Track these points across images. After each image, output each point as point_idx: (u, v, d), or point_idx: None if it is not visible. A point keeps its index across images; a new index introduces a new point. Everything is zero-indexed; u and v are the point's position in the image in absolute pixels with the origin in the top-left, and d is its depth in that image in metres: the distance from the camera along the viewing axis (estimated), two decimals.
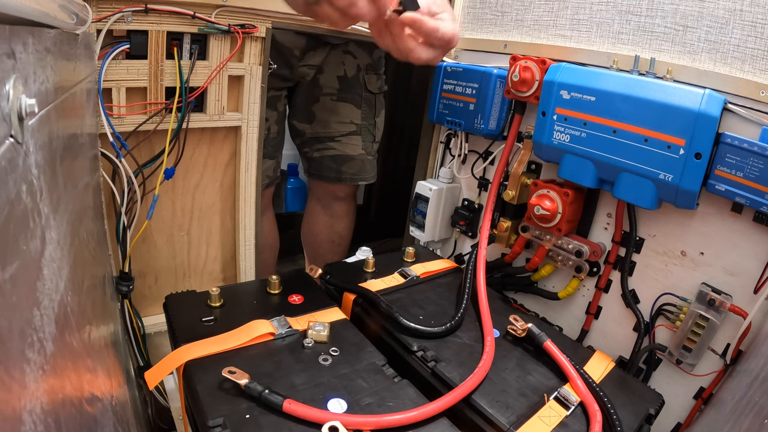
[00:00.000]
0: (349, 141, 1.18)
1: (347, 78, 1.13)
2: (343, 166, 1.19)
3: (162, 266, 0.93)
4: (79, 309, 0.38)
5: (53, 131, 0.35)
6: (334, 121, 1.16)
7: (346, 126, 1.17)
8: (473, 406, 0.58)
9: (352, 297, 0.76)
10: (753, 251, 0.67)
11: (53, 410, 0.25)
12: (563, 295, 0.87)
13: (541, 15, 0.90)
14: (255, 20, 0.82)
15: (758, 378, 0.52)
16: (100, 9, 0.69)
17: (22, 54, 0.27)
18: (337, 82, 1.13)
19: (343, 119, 1.16)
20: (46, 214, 0.30)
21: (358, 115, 1.17)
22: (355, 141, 1.18)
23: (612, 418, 0.56)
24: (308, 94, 1.15)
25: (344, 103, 1.15)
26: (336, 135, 1.17)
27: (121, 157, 0.76)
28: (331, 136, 1.17)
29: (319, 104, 1.15)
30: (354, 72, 1.13)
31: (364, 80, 1.15)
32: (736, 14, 0.67)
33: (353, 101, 1.15)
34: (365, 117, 1.18)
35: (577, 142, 0.76)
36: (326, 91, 1.14)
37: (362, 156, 1.20)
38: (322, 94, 1.14)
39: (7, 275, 0.20)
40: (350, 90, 1.15)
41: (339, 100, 1.15)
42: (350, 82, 1.14)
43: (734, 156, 0.64)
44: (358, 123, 1.17)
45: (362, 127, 1.18)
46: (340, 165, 1.19)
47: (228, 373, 0.54)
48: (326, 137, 1.18)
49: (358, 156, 1.19)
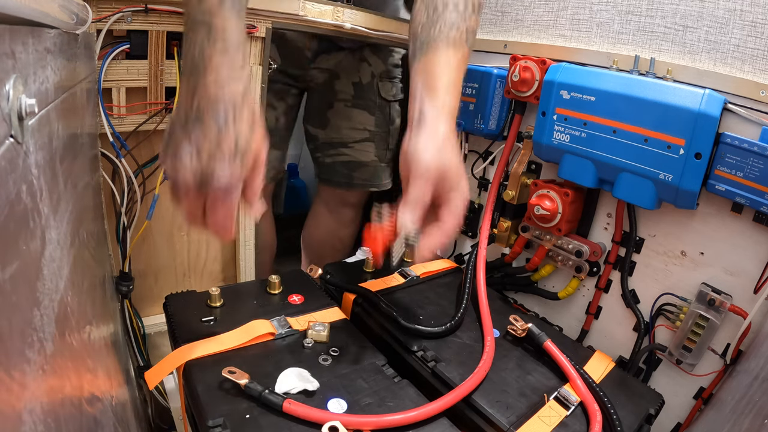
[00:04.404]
0: (362, 147, 1.17)
1: (362, 84, 1.12)
2: (355, 172, 1.18)
3: (162, 266, 0.93)
4: (79, 309, 0.38)
5: (53, 131, 0.35)
6: (347, 127, 1.15)
7: (359, 132, 1.16)
8: (473, 406, 0.58)
9: (352, 297, 0.76)
10: (753, 251, 0.67)
11: (53, 410, 0.25)
12: (563, 295, 0.87)
13: (541, 15, 0.90)
14: (255, 20, 0.81)
15: (758, 378, 0.52)
16: (100, 9, 0.69)
17: (22, 54, 0.27)
18: (352, 88, 1.13)
19: (356, 126, 1.15)
20: (46, 214, 0.30)
21: (371, 122, 1.16)
22: (368, 148, 1.17)
23: (612, 418, 0.56)
24: (323, 99, 1.14)
25: (358, 110, 1.15)
26: (349, 141, 1.16)
27: (121, 157, 0.76)
28: (344, 142, 1.17)
29: (333, 110, 1.15)
30: (369, 79, 1.13)
31: (378, 87, 1.14)
32: (736, 14, 0.67)
33: (367, 108, 1.15)
34: (379, 124, 1.17)
35: (577, 142, 0.76)
36: (341, 96, 1.13)
37: (375, 163, 1.19)
38: (336, 100, 1.14)
39: (7, 275, 0.20)
40: (364, 97, 1.14)
41: (353, 106, 1.14)
42: (365, 89, 1.13)
43: (734, 156, 0.64)
44: (372, 130, 1.17)
45: (375, 134, 1.17)
46: (352, 171, 1.18)
47: (228, 373, 0.54)
48: (339, 143, 1.17)
49: (370, 162, 1.18)
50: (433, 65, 0.64)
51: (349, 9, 0.89)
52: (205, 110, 0.48)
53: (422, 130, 0.60)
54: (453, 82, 0.64)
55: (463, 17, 0.68)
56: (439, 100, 0.61)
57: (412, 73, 0.67)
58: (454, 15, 0.68)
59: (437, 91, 0.62)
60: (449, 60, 0.65)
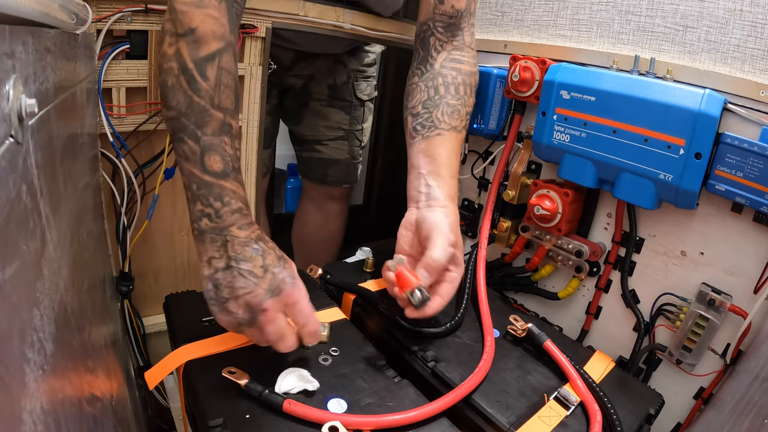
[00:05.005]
0: (335, 145, 1.21)
1: (336, 86, 1.16)
2: (329, 169, 1.22)
3: (162, 266, 0.93)
4: (79, 309, 0.38)
5: (53, 131, 0.35)
6: (322, 125, 1.19)
7: (333, 131, 1.20)
8: (473, 406, 0.58)
9: (352, 297, 0.76)
10: (753, 251, 0.67)
11: (53, 410, 0.25)
12: (563, 295, 0.87)
13: (541, 15, 0.90)
14: (255, 20, 0.81)
15: (758, 378, 0.52)
16: (100, 9, 0.69)
17: (22, 54, 0.27)
18: (327, 89, 1.16)
19: (331, 124, 1.19)
20: (46, 214, 0.30)
21: (346, 121, 1.19)
22: (342, 146, 1.21)
23: (612, 418, 0.56)
24: (298, 99, 1.18)
25: (333, 109, 1.18)
26: (324, 139, 1.20)
27: (121, 157, 0.76)
28: (318, 139, 1.20)
29: (308, 109, 1.18)
30: (344, 79, 1.16)
31: (353, 87, 1.17)
32: (736, 14, 0.67)
33: (342, 107, 1.18)
34: (353, 122, 1.21)
35: (577, 142, 0.76)
36: (316, 97, 1.17)
37: (347, 160, 1.23)
38: (312, 100, 1.17)
39: (7, 275, 0.20)
40: (340, 97, 1.17)
41: (328, 105, 1.18)
42: (340, 89, 1.16)
43: (734, 156, 0.64)
44: (346, 128, 1.20)
45: (349, 133, 1.21)
46: (326, 168, 1.22)
47: (228, 373, 0.54)
48: (313, 140, 1.21)
49: (343, 160, 1.22)
50: (438, 151, 0.72)
51: (349, 9, 0.89)
52: (238, 259, 0.53)
53: (434, 209, 0.67)
54: (455, 169, 0.73)
55: (463, 102, 0.76)
56: (445, 187, 0.69)
57: (414, 148, 0.73)
58: (455, 100, 0.75)
59: (443, 179, 0.70)
60: (454, 147, 0.73)
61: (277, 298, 0.53)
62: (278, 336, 0.54)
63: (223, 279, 0.53)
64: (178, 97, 0.55)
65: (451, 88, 0.75)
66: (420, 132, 0.73)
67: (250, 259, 0.54)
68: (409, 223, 0.69)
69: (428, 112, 0.74)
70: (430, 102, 0.75)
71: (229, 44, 0.58)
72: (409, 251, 0.69)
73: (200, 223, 0.54)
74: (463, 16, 0.77)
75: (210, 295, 0.54)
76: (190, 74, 0.54)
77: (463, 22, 0.78)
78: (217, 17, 0.56)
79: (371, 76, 1.21)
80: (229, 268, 0.53)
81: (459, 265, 0.66)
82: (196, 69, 0.55)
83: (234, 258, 0.53)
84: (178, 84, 0.54)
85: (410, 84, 0.79)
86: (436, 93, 0.75)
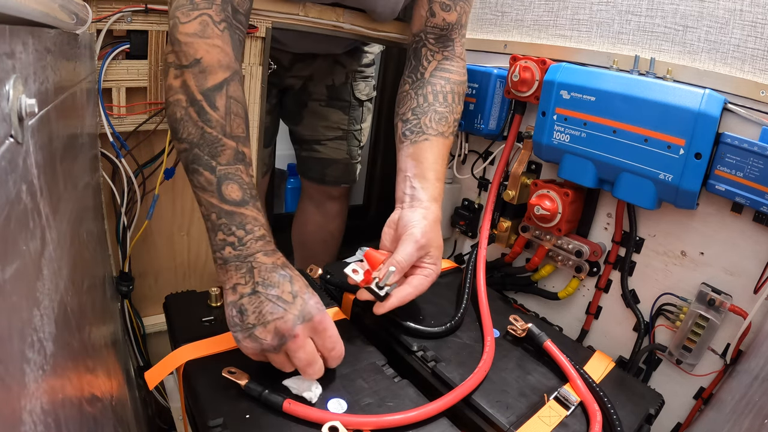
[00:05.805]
0: (334, 145, 1.21)
1: (335, 86, 1.16)
2: (327, 169, 1.23)
3: (162, 266, 0.93)
4: (79, 309, 0.38)
5: (53, 131, 0.35)
6: (321, 125, 1.19)
7: (332, 131, 1.20)
8: (473, 406, 0.58)
9: (352, 297, 0.76)
10: (753, 251, 0.67)
11: (53, 410, 0.25)
12: (563, 295, 0.87)
13: (541, 15, 0.90)
14: (255, 20, 0.81)
15: (758, 378, 0.52)
16: (100, 9, 0.69)
17: (22, 54, 0.27)
18: (325, 90, 1.16)
19: (330, 124, 1.19)
20: (46, 214, 0.30)
21: (345, 121, 1.20)
22: (341, 146, 1.22)
23: (612, 418, 0.56)
24: (297, 99, 1.18)
25: (333, 109, 1.18)
26: (322, 139, 1.21)
27: (121, 157, 0.76)
28: (317, 139, 1.21)
29: (307, 109, 1.19)
30: (343, 79, 1.16)
31: (352, 87, 1.18)
32: (736, 14, 0.67)
33: (341, 107, 1.19)
34: (352, 122, 1.21)
35: (577, 142, 0.76)
36: (315, 97, 1.17)
37: (346, 160, 1.23)
38: (310, 100, 1.17)
39: (7, 275, 0.20)
40: (338, 97, 1.18)
41: (327, 105, 1.18)
42: (338, 89, 1.17)
43: (734, 156, 0.64)
44: (345, 128, 1.21)
45: (348, 133, 1.22)
46: (324, 168, 1.23)
47: (228, 373, 0.54)
48: (312, 140, 1.21)
49: (342, 160, 1.22)
50: (425, 155, 0.74)
51: (349, 9, 0.89)
52: (266, 284, 0.53)
53: (416, 209, 0.70)
54: (442, 172, 0.75)
55: (451, 109, 0.78)
56: (429, 189, 0.72)
57: (403, 152, 0.76)
58: (444, 107, 0.78)
59: (428, 181, 0.72)
60: (441, 152, 0.75)
61: (307, 324, 0.53)
62: (308, 362, 0.53)
63: (249, 304, 0.52)
64: (189, 129, 0.55)
65: (440, 96, 0.78)
66: (408, 137, 0.76)
67: (278, 284, 0.53)
68: (392, 221, 0.72)
69: (417, 118, 0.76)
70: (419, 109, 0.77)
71: (235, 73, 0.58)
72: (390, 248, 0.71)
73: (223, 252, 0.54)
74: (453, 29, 0.79)
75: (234, 321, 0.53)
76: (199, 105, 0.54)
77: (454, 34, 0.80)
78: (221, 46, 0.56)
79: (370, 77, 1.21)
80: (256, 293, 0.52)
81: (434, 263, 0.68)
82: (205, 100, 0.55)
83: (261, 283, 0.53)
84: (188, 116, 0.54)
85: (401, 92, 0.81)
86: (425, 101, 0.77)
